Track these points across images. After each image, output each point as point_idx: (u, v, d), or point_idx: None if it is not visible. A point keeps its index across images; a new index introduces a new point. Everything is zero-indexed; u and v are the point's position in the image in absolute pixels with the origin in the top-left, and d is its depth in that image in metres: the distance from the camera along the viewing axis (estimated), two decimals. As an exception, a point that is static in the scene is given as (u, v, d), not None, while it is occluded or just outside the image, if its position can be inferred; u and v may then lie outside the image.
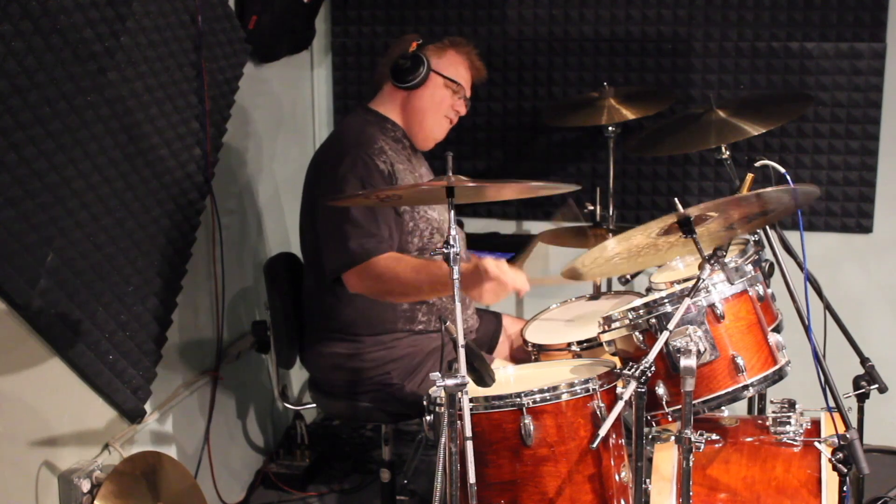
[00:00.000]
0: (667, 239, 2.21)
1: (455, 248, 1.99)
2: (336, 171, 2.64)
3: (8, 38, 2.07)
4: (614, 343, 2.33)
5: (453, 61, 2.81)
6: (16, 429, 2.28)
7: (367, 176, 2.62)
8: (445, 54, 2.80)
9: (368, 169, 2.63)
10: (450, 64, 2.80)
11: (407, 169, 2.76)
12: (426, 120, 2.81)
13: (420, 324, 2.78)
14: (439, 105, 2.80)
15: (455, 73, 2.80)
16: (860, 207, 3.54)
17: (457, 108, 2.83)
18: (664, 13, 3.57)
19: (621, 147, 3.37)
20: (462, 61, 2.83)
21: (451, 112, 2.83)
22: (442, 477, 1.97)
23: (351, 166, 2.63)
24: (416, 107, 2.79)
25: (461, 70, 2.82)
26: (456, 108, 2.83)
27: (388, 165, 2.67)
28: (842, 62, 3.45)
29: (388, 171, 2.66)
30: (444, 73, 2.78)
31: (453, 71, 2.80)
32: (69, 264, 2.33)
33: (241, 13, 3.15)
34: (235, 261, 3.29)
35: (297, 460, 3.48)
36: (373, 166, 2.64)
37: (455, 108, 2.83)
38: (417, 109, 2.79)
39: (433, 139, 2.87)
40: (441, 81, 2.78)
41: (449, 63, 2.80)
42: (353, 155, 2.65)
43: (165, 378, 2.85)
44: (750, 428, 2.38)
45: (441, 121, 2.83)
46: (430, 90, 2.78)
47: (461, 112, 2.85)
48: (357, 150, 2.66)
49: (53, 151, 2.25)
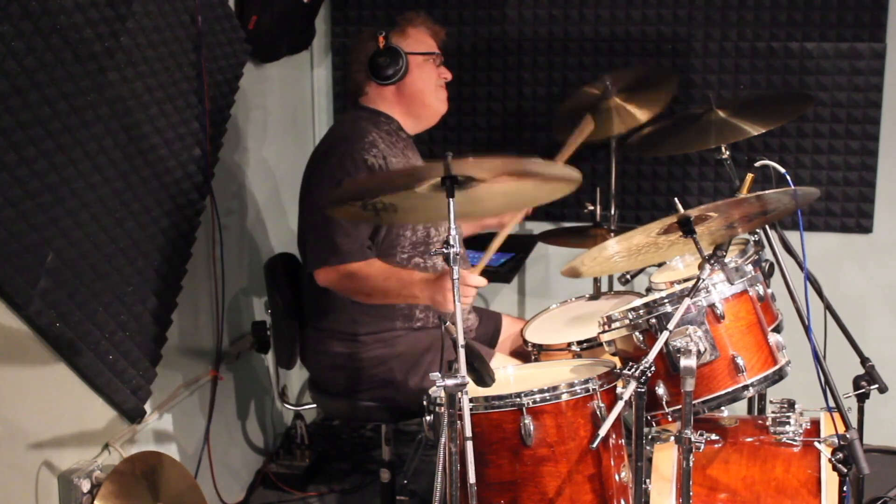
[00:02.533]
0: (667, 237, 2.21)
1: (455, 248, 1.99)
2: (323, 168, 2.69)
3: (8, 38, 2.07)
4: (614, 343, 2.33)
5: (416, 36, 2.84)
6: (16, 429, 2.28)
7: (354, 172, 2.64)
8: (408, 33, 2.83)
9: (356, 165, 2.65)
10: (416, 41, 2.84)
11: (402, 161, 2.78)
12: (426, 98, 2.85)
13: (419, 321, 2.79)
14: (429, 80, 2.84)
15: (426, 46, 2.85)
16: (860, 207, 3.54)
17: (443, 76, 2.88)
18: (664, 13, 3.57)
19: (621, 147, 3.36)
20: (423, 32, 2.86)
21: (441, 80, 2.88)
22: (442, 477, 1.97)
23: (339, 164, 2.65)
24: (411, 93, 2.82)
25: (427, 40, 2.86)
26: (442, 75, 2.88)
27: (378, 159, 2.68)
28: (842, 62, 3.45)
29: (379, 165, 2.68)
30: (416, 50, 2.82)
31: (423, 45, 2.84)
32: (69, 264, 2.33)
33: (241, 13, 3.15)
34: (235, 261, 3.29)
35: (297, 460, 3.48)
36: (360, 162, 2.65)
37: (442, 76, 2.88)
38: (414, 94, 2.83)
39: (439, 112, 2.90)
40: (420, 59, 2.82)
41: (415, 40, 2.84)
42: (341, 152, 2.68)
43: (165, 378, 2.85)
44: (750, 428, 2.38)
45: (438, 93, 2.87)
46: (415, 72, 2.81)
47: (448, 77, 2.89)
48: (345, 147, 2.68)
49: (53, 151, 2.25)
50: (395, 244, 2.71)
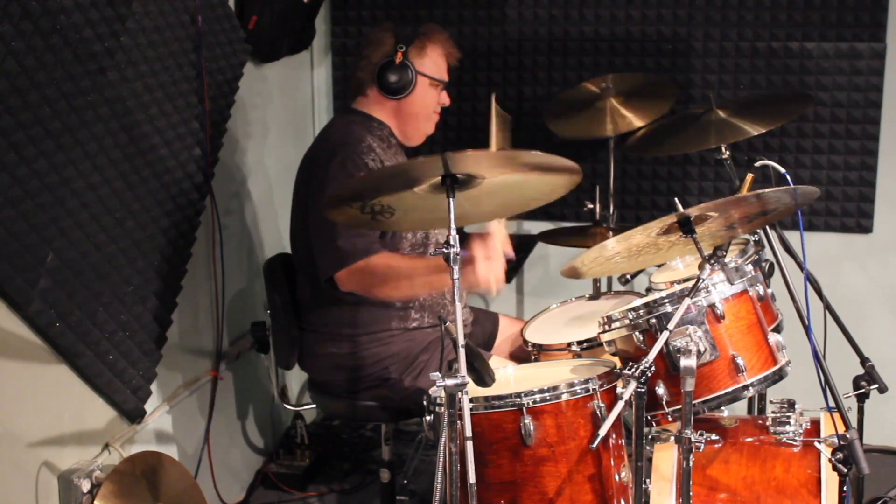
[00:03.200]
0: (667, 238, 2.21)
1: (455, 247, 1.99)
2: (326, 172, 2.66)
3: (8, 38, 2.07)
4: (614, 343, 2.33)
5: (433, 57, 2.81)
6: (16, 429, 2.28)
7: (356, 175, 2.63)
8: (426, 53, 2.80)
9: (358, 168, 2.64)
10: (431, 62, 2.81)
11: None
12: (419, 122, 2.84)
13: (414, 321, 2.79)
14: (429, 105, 2.84)
15: (438, 71, 2.82)
16: (860, 207, 3.54)
17: (442, 102, 2.87)
18: (664, 13, 3.57)
19: (621, 147, 3.36)
20: (440, 54, 2.83)
21: (438, 107, 2.87)
22: (442, 477, 1.97)
23: (340, 167, 2.64)
24: (407, 112, 2.82)
25: (441, 63, 2.84)
26: (441, 102, 2.87)
27: (377, 163, 2.68)
28: (842, 62, 3.45)
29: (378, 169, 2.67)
30: (429, 73, 2.79)
31: (436, 69, 2.82)
32: (69, 264, 2.33)
33: (241, 13, 3.15)
34: (235, 261, 3.29)
35: (297, 460, 3.48)
36: (361, 165, 2.65)
37: (440, 103, 2.87)
38: (410, 114, 2.82)
39: (426, 135, 2.90)
40: (427, 82, 2.80)
41: (431, 61, 2.81)
42: (342, 155, 2.66)
43: (165, 378, 2.85)
44: (750, 428, 2.38)
45: (432, 118, 2.87)
46: (419, 95, 2.80)
47: (446, 104, 2.88)
48: (345, 150, 2.67)
49: (53, 151, 2.24)
50: (397, 247, 2.70)
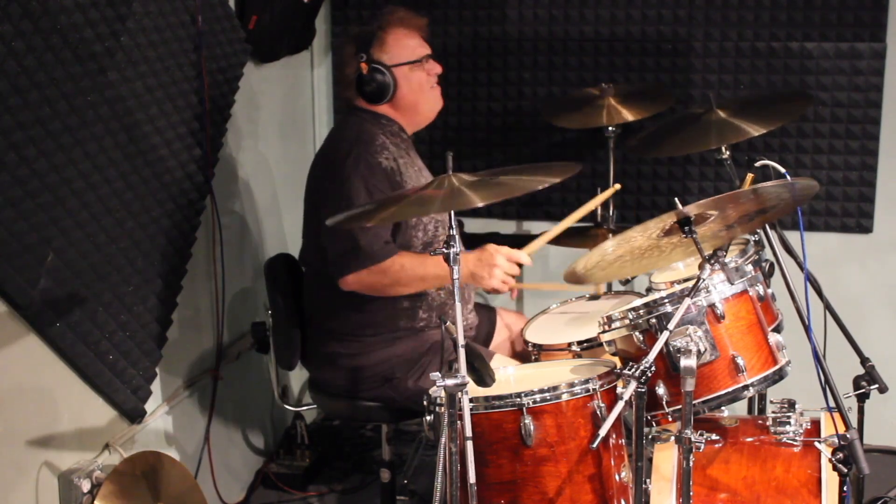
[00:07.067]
0: (669, 240, 2.21)
1: (455, 248, 1.99)
2: (340, 173, 2.65)
3: (8, 38, 2.07)
4: (614, 343, 2.33)
5: (398, 44, 2.74)
6: (16, 429, 2.28)
7: (369, 176, 2.63)
8: (387, 44, 2.73)
9: (371, 168, 2.63)
10: (399, 49, 2.74)
11: (408, 162, 2.77)
12: (420, 104, 2.80)
13: (421, 321, 2.78)
14: (421, 85, 2.78)
15: (409, 53, 2.75)
16: (860, 207, 3.54)
17: (433, 72, 2.80)
18: (664, 13, 3.57)
19: (621, 147, 3.36)
20: (404, 34, 2.76)
21: (433, 80, 2.81)
22: (442, 477, 1.97)
23: (354, 167, 2.63)
24: (404, 105, 2.79)
25: (409, 42, 2.76)
26: (432, 73, 2.80)
27: (391, 161, 2.67)
28: (842, 62, 3.45)
29: (392, 167, 2.67)
30: (402, 60, 2.73)
31: (406, 52, 2.74)
32: (69, 264, 2.33)
33: (241, 13, 3.15)
34: (235, 261, 3.29)
35: (297, 460, 3.48)
36: (375, 165, 2.64)
37: (432, 75, 2.80)
38: (408, 106, 2.79)
39: (435, 111, 2.86)
40: (406, 69, 2.75)
41: (397, 49, 2.73)
42: (356, 155, 2.65)
43: (165, 378, 2.85)
44: (750, 428, 2.38)
45: (431, 94, 2.81)
46: (404, 85, 2.75)
47: (439, 72, 2.82)
48: (359, 149, 2.66)
49: (53, 151, 2.25)
50: (409, 245, 2.70)
